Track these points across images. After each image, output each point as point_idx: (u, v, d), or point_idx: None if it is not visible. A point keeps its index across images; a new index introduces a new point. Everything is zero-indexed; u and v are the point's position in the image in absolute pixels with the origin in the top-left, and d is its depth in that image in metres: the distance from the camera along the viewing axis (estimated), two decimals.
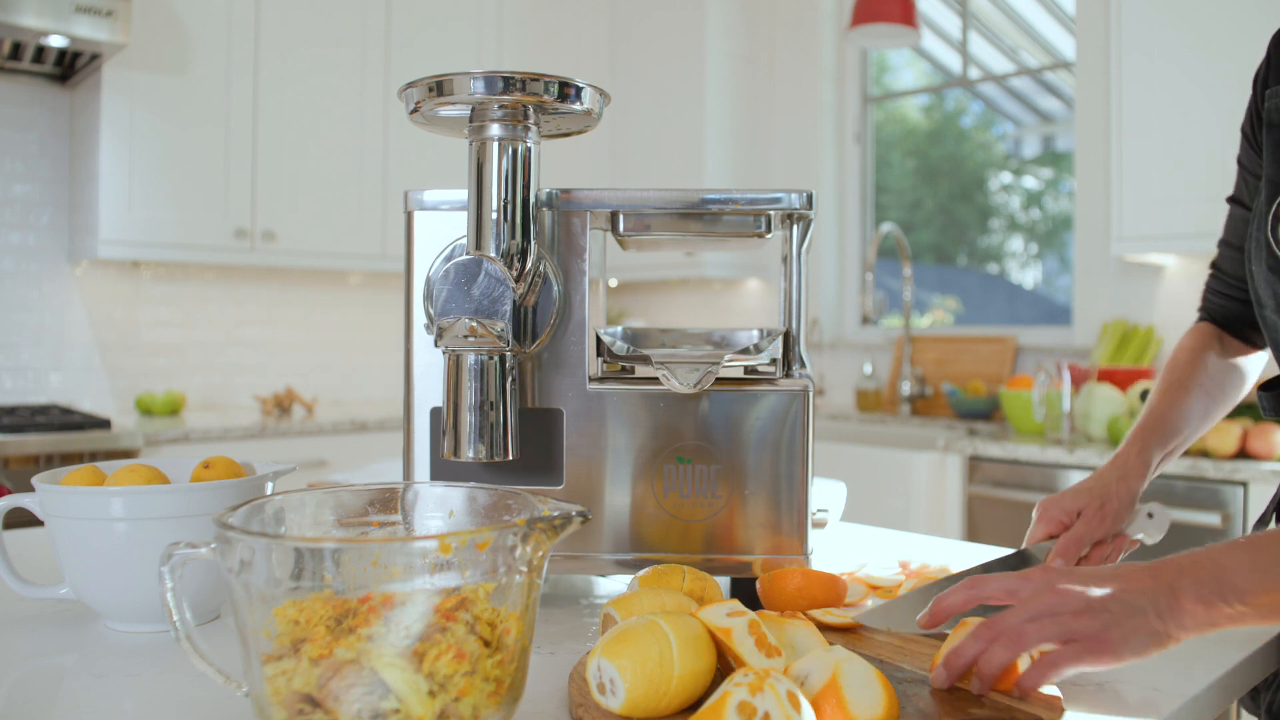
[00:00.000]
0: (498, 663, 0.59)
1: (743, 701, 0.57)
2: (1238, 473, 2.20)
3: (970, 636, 0.68)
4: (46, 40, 2.60)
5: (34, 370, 3.08)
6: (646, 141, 3.91)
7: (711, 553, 0.94)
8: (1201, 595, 0.67)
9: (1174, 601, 0.67)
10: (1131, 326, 2.93)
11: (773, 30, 3.94)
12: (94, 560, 0.84)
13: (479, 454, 0.87)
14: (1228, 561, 0.67)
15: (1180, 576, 0.67)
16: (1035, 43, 3.66)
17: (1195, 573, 0.67)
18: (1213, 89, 2.48)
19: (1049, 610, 0.67)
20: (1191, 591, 0.67)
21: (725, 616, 0.68)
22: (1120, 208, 2.66)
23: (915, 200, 4.02)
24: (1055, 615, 0.67)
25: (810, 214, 0.97)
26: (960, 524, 2.67)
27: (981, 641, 0.67)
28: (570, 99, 0.86)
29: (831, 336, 3.82)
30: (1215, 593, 0.66)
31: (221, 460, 0.93)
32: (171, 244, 2.99)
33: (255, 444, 2.86)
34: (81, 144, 3.02)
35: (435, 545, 0.57)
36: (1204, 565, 0.67)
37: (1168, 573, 0.68)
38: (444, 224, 0.95)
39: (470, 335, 0.85)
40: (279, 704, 0.57)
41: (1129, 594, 0.67)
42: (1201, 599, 0.66)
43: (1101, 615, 0.66)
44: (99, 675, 0.76)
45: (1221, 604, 0.66)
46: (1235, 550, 0.68)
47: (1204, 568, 0.67)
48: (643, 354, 0.94)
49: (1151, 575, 0.68)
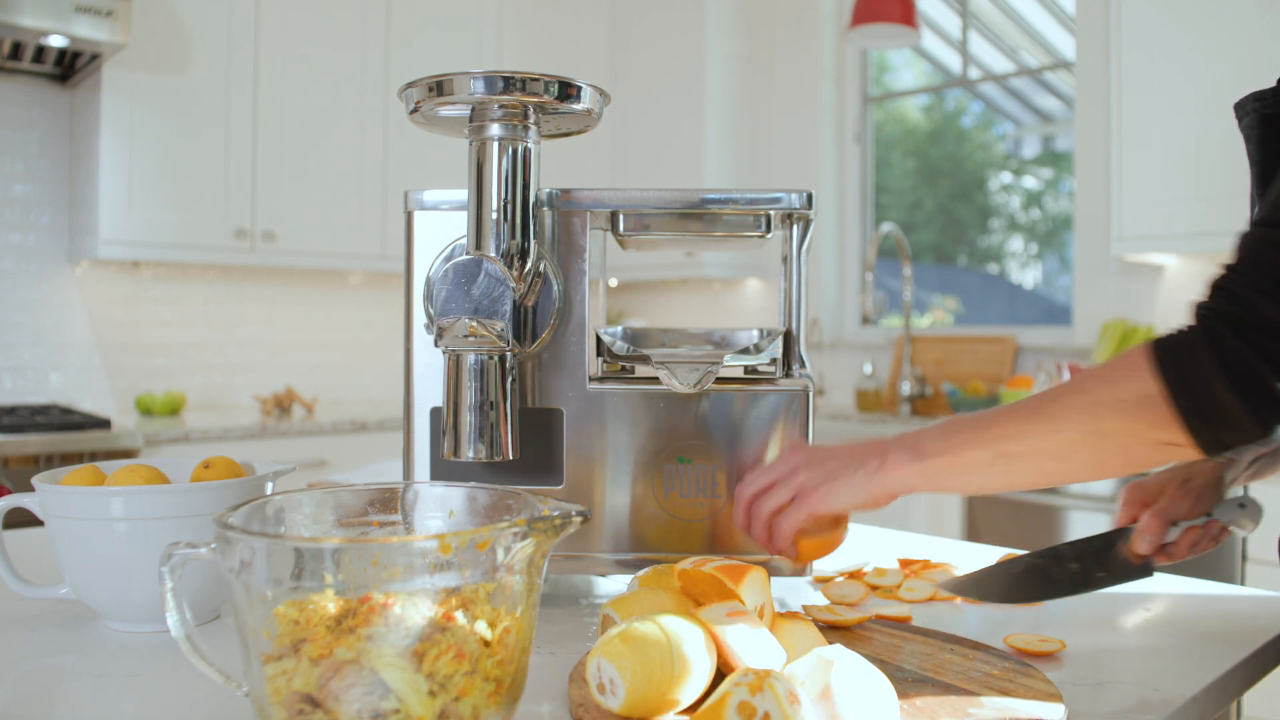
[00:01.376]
0: (498, 663, 0.59)
1: (743, 701, 0.57)
2: None
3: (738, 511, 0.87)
4: (46, 40, 2.60)
5: (34, 370, 3.08)
6: (646, 141, 3.91)
7: (712, 553, 0.94)
8: (900, 458, 0.81)
9: (881, 464, 0.82)
10: (1131, 326, 2.93)
11: (773, 30, 3.94)
12: (94, 560, 0.84)
13: (479, 454, 0.87)
14: (927, 432, 0.82)
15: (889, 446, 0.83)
16: (1035, 43, 3.66)
17: (901, 441, 0.83)
18: (1213, 89, 2.48)
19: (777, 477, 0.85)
20: (894, 455, 0.82)
21: (725, 616, 0.68)
22: (1120, 208, 2.66)
23: (915, 200, 4.02)
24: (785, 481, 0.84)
25: (810, 214, 0.97)
26: (960, 524, 2.67)
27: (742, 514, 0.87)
28: (570, 99, 0.86)
29: (831, 336, 3.82)
30: (911, 455, 0.81)
31: (221, 460, 0.93)
32: (171, 244, 2.99)
33: (255, 444, 2.86)
34: (81, 144, 3.02)
35: (435, 545, 0.57)
36: (908, 437, 0.83)
37: (884, 442, 0.84)
38: (444, 224, 0.95)
39: (470, 335, 0.85)
40: (279, 704, 0.57)
41: (845, 458, 0.84)
42: (899, 460, 0.81)
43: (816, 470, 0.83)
44: (99, 675, 0.76)
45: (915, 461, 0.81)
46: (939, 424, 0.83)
47: (907, 438, 0.83)
48: (643, 354, 0.94)
49: (872, 444, 0.84)
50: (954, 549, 1.23)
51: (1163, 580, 1.08)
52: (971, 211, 3.91)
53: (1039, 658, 0.80)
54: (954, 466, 0.80)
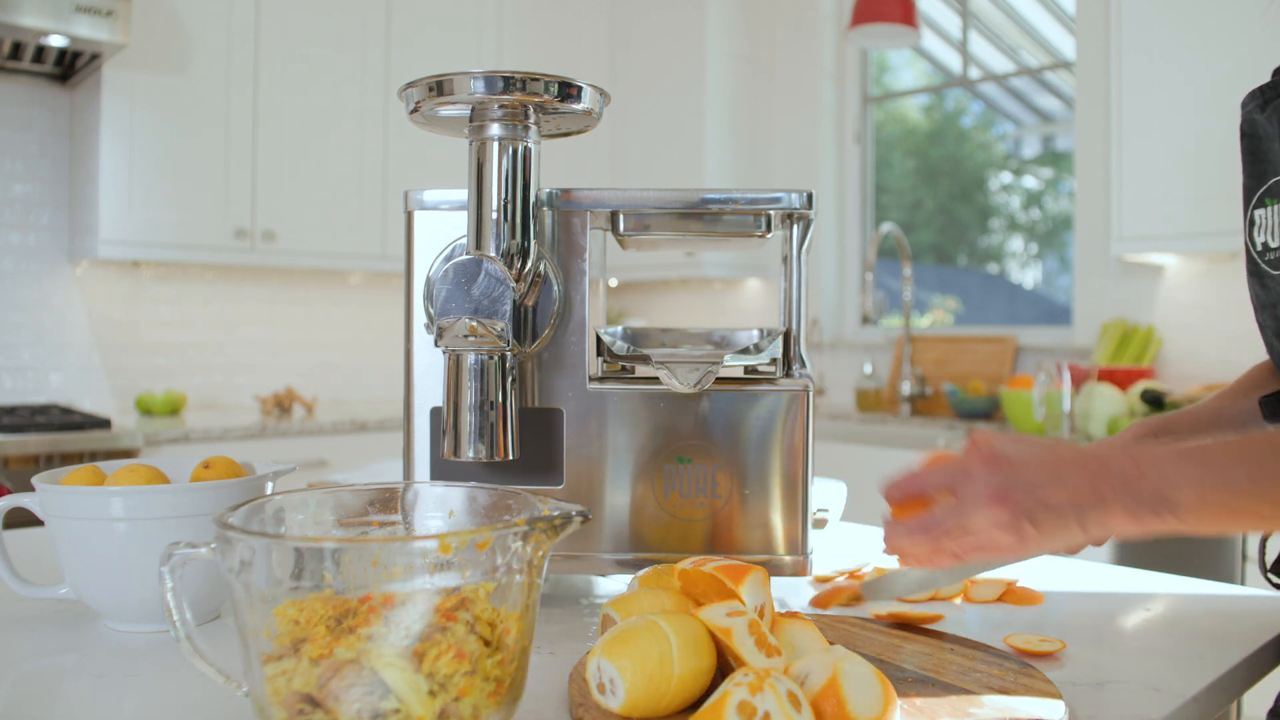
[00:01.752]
0: (498, 663, 0.59)
1: (743, 701, 0.57)
2: None
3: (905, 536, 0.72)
4: (46, 40, 2.60)
5: (34, 370, 3.08)
6: (646, 141, 3.91)
7: (712, 553, 0.94)
8: (1132, 509, 0.65)
9: (1102, 513, 0.66)
10: (1131, 326, 2.93)
11: (773, 30, 3.94)
12: (94, 560, 0.84)
13: (479, 454, 0.87)
14: (1174, 476, 0.65)
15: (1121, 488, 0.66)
16: (1035, 42, 3.66)
17: (1135, 486, 0.65)
18: (1213, 89, 2.48)
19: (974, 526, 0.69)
20: (1122, 505, 0.66)
21: (725, 616, 0.68)
22: (1120, 208, 2.66)
23: (915, 200, 4.02)
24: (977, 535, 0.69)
25: (810, 214, 0.97)
26: None
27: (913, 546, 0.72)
28: (570, 99, 0.86)
29: (831, 336, 3.82)
30: (1149, 508, 0.65)
31: (221, 460, 0.93)
32: (171, 244, 2.99)
33: (255, 444, 2.86)
34: (81, 144, 3.02)
35: (435, 545, 0.57)
36: (1146, 477, 0.65)
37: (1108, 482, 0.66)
38: (444, 224, 0.95)
39: (470, 335, 0.85)
40: (279, 704, 0.57)
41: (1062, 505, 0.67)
42: (1132, 512, 0.65)
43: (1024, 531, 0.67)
44: (99, 675, 0.76)
45: (1152, 518, 0.65)
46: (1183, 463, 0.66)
47: (1146, 480, 0.65)
48: (643, 354, 0.94)
49: (1092, 485, 0.67)
50: None
51: (1163, 580, 1.08)
52: (971, 211, 3.91)
53: (1039, 658, 0.80)
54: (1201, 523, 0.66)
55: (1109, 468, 0.67)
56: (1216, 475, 0.65)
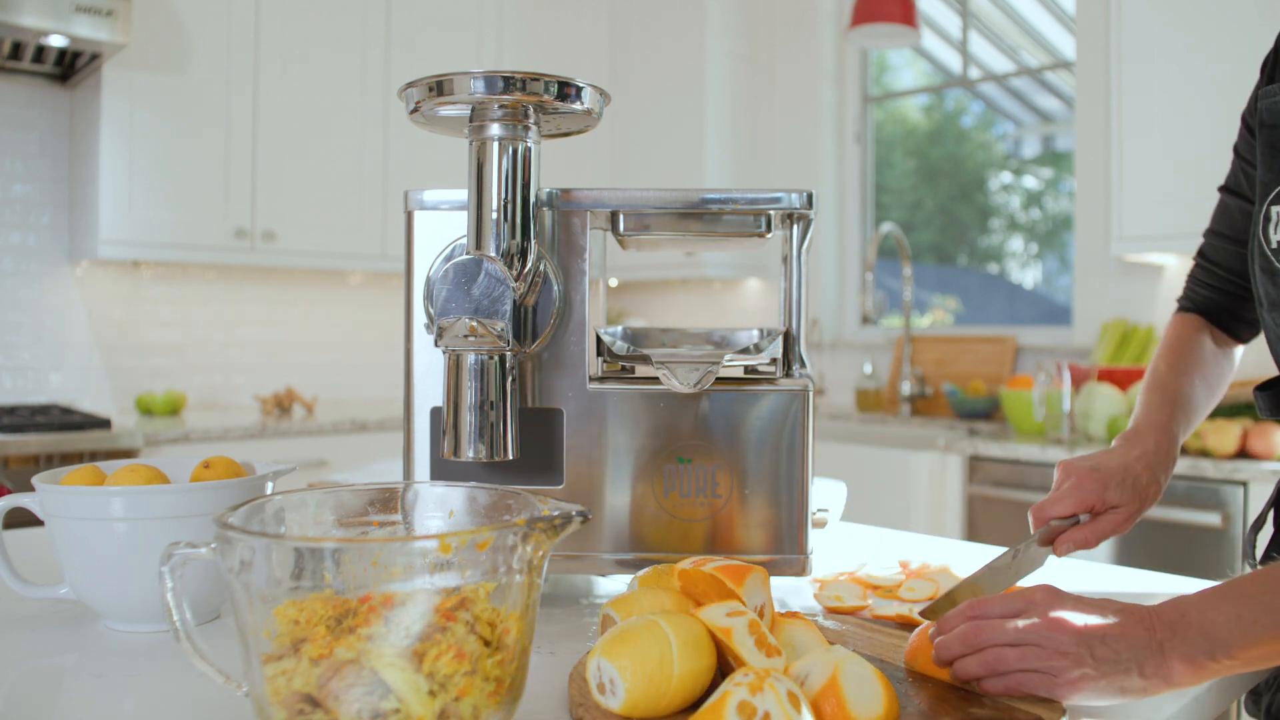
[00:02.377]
0: (498, 663, 0.59)
1: (743, 701, 0.57)
2: (1238, 472, 2.20)
3: (959, 637, 0.70)
4: (46, 40, 2.60)
5: (34, 370, 3.08)
6: (646, 141, 3.91)
7: (712, 553, 0.94)
8: (1188, 655, 0.66)
9: (1162, 661, 0.67)
10: (1131, 326, 2.93)
11: (773, 30, 3.94)
12: (94, 560, 0.84)
13: (479, 454, 0.87)
14: (1215, 616, 0.67)
15: (1171, 635, 0.67)
16: (1035, 42, 3.66)
17: (1184, 631, 0.67)
18: (1212, 89, 2.48)
19: (1036, 640, 0.68)
20: (1180, 652, 0.67)
21: (725, 616, 0.68)
22: (1120, 208, 2.66)
23: (915, 200, 4.02)
24: (1041, 648, 0.67)
25: (810, 214, 0.97)
26: (960, 524, 2.67)
27: (965, 647, 0.69)
28: (570, 98, 0.86)
29: (831, 336, 3.82)
30: (1203, 652, 0.66)
31: (221, 460, 0.93)
32: (171, 244, 2.99)
33: (255, 444, 2.86)
34: (81, 144, 3.02)
35: (435, 545, 0.57)
36: (1191, 622, 0.67)
37: (1161, 629, 0.68)
38: (444, 224, 0.95)
39: (470, 335, 0.85)
40: (279, 704, 0.57)
41: (1120, 647, 0.67)
42: (1188, 659, 0.66)
43: (1083, 663, 0.67)
44: (99, 675, 0.76)
45: (1209, 662, 0.66)
46: (1221, 602, 0.68)
47: (1191, 624, 0.67)
48: (643, 354, 0.94)
49: (1146, 629, 0.68)
50: (954, 549, 1.23)
51: (1163, 580, 1.08)
52: (971, 211, 3.91)
53: None
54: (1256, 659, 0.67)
55: (1158, 615, 0.69)
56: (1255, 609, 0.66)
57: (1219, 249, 1.12)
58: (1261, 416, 1.05)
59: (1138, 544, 2.35)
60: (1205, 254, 1.14)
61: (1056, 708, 0.67)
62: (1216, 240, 1.12)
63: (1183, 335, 1.11)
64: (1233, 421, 2.29)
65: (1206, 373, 1.09)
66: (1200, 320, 1.14)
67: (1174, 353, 1.09)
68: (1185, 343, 1.10)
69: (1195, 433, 2.34)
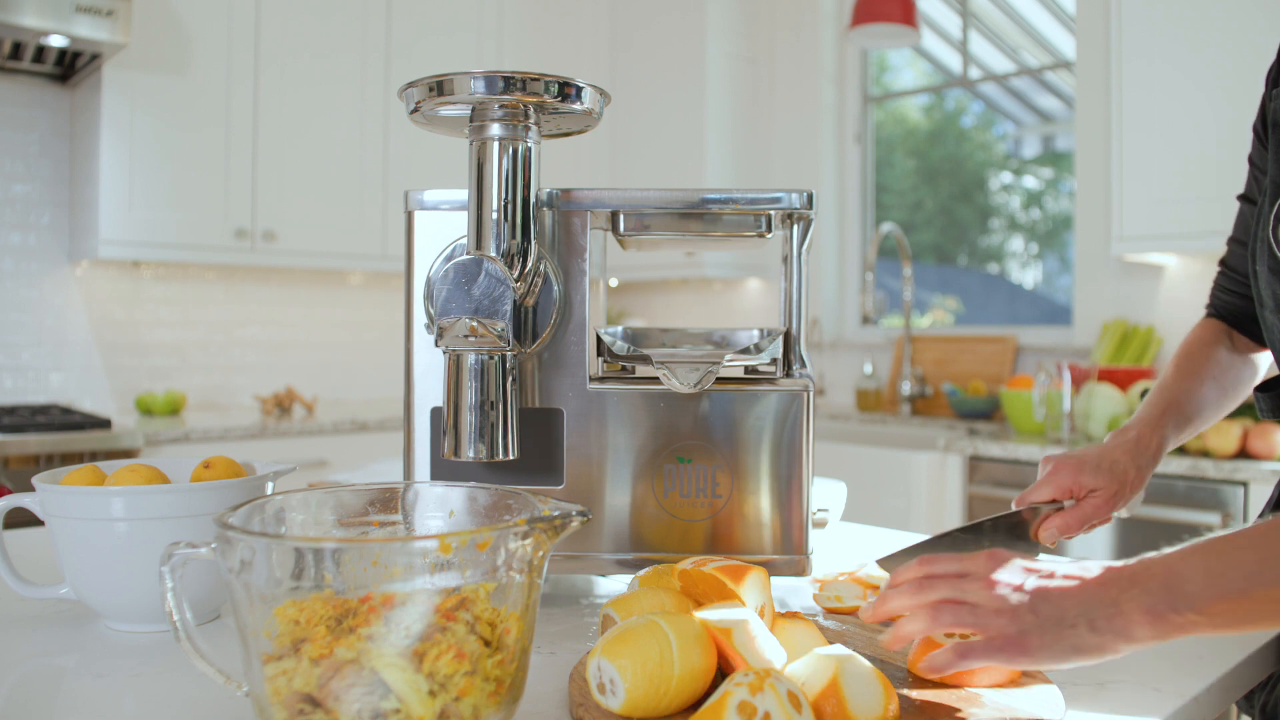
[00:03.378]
0: (498, 663, 0.59)
1: (743, 701, 0.57)
2: (1238, 472, 2.20)
3: (902, 591, 0.69)
4: (47, 40, 2.60)
5: (34, 370, 3.08)
6: (646, 141, 3.91)
7: (712, 553, 0.94)
8: (1150, 606, 0.64)
9: (1116, 615, 0.64)
10: (1132, 326, 2.93)
11: (773, 30, 3.94)
12: (94, 560, 0.84)
13: (479, 454, 0.87)
14: (1181, 568, 0.64)
15: (1130, 587, 0.65)
16: (1035, 42, 3.66)
17: (1145, 581, 0.64)
18: (1213, 89, 2.48)
19: (971, 599, 0.67)
20: (1139, 602, 0.64)
21: (725, 616, 0.68)
22: (1120, 208, 2.66)
23: (916, 200, 4.02)
24: (975, 607, 0.66)
25: (810, 214, 0.97)
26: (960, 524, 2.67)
27: (906, 599, 0.69)
28: (570, 98, 0.86)
29: (832, 336, 3.82)
30: (1165, 603, 0.63)
31: (222, 460, 0.93)
32: (171, 244, 2.99)
33: (255, 444, 2.86)
34: (82, 144, 3.02)
35: (435, 545, 0.57)
36: (1155, 573, 0.65)
37: (1116, 584, 0.65)
38: (444, 224, 0.95)
39: (470, 335, 0.85)
40: (279, 704, 0.57)
41: (1066, 604, 0.65)
42: (1150, 610, 0.64)
43: (1022, 619, 0.65)
44: (99, 675, 0.76)
45: (1172, 614, 0.63)
46: (1190, 556, 0.65)
47: (1155, 575, 0.64)
48: (643, 354, 0.94)
49: (1099, 584, 0.66)
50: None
51: None
52: (972, 211, 3.91)
53: None
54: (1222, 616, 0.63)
55: (1116, 571, 0.67)
56: (1224, 562, 0.63)
57: (1237, 255, 1.14)
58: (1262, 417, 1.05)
59: (1137, 544, 2.35)
60: (1226, 261, 1.17)
61: (1056, 706, 0.67)
62: (1236, 247, 1.14)
63: (1196, 341, 1.14)
64: (1233, 422, 2.29)
65: (1219, 374, 1.10)
66: (1220, 326, 1.16)
67: (1183, 357, 1.12)
68: (1196, 348, 1.12)
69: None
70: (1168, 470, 2.29)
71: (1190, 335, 1.16)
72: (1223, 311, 1.17)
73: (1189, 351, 1.12)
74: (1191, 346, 1.13)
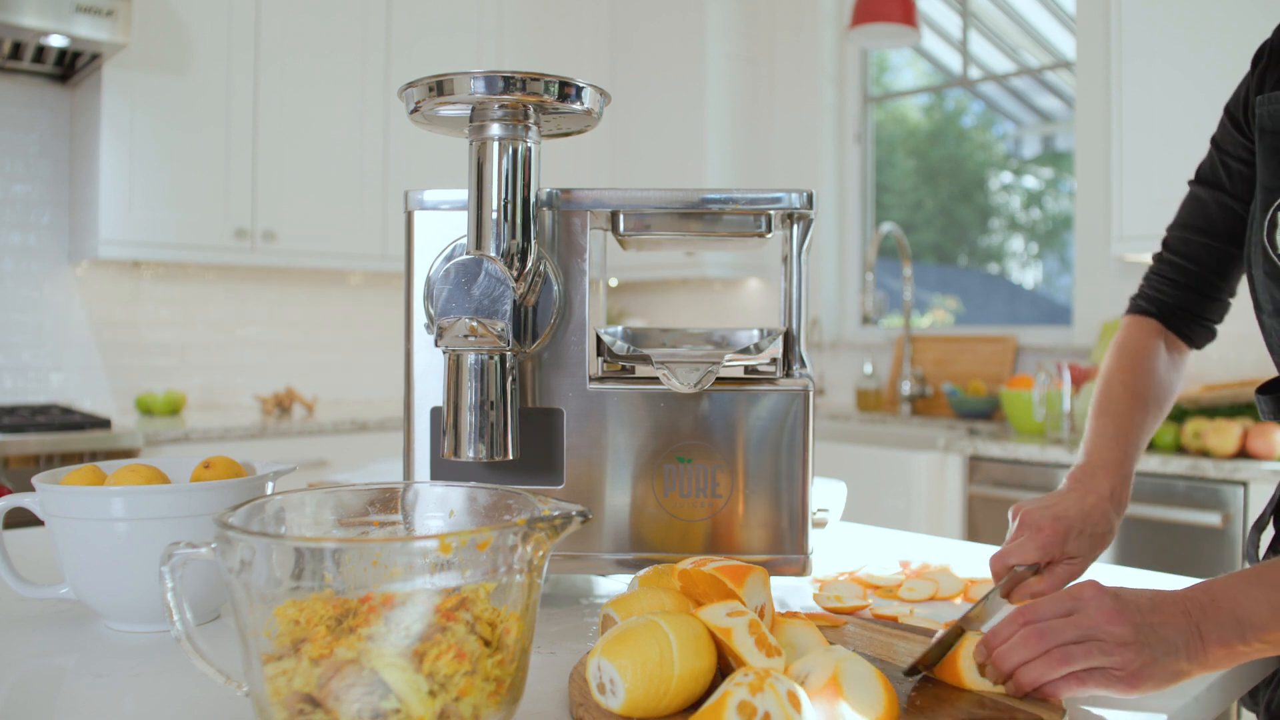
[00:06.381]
0: (498, 663, 0.59)
1: (743, 701, 0.57)
2: (1238, 472, 2.20)
3: (1020, 642, 0.69)
4: (47, 40, 2.60)
5: (34, 370, 3.08)
6: (646, 141, 3.91)
7: (712, 553, 0.94)
8: (1222, 637, 0.68)
9: (1200, 643, 0.68)
10: None
11: (773, 30, 3.94)
12: (94, 560, 0.84)
13: (479, 454, 0.87)
14: (1243, 599, 0.69)
15: (1204, 618, 0.69)
16: (1035, 42, 3.66)
17: (1215, 614, 0.69)
18: (1213, 88, 2.48)
19: (1097, 635, 0.68)
20: (1214, 634, 0.68)
21: (725, 616, 0.68)
22: (1120, 207, 2.66)
23: (916, 200, 4.02)
24: (1102, 642, 0.68)
25: (810, 214, 0.97)
26: (960, 524, 2.67)
27: (1029, 650, 0.68)
28: (570, 98, 0.86)
29: (832, 336, 3.82)
30: (1234, 633, 0.68)
31: (222, 460, 0.93)
32: (172, 244, 2.99)
33: (255, 444, 2.86)
34: (82, 144, 3.02)
35: (435, 545, 0.57)
36: (1221, 605, 0.69)
37: (1194, 611, 0.69)
38: (444, 224, 0.95)
39: (470, 335, 0.85)
40: (279, 704, 0.57)
41: (1168, 633, 0.68)
42: (1222, 641, 0.68)
43: (1143, 651, 0.67)
44: (99, 675, 0.76)
45: (1239, 644, 0.68)
46: (1248, 586, 0.69)
47: (1221, 608, 0.69)
48: (643, 354, 0.94)
49: (1184, 613, 0.69)
50: (954, 549, 1.23)
51: (1163, 580, 1.08)
52: (972, 211, 3.91)
53: None
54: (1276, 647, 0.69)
55: (1189, 600, 0.70)
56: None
57: (1190, 243, 1.08)
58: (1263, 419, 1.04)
59: (1138, 544, 2.35)
60: (1173, 248, 1.10)
61: (1056, 707, 0.67)
62: (1187, 234, 1.09)
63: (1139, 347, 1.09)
64: (1233, 421, 2.29)
65: (1160, 394, 1.06)
66: (1156, 326, 1.11)
67: (1129, 370, 1.06)
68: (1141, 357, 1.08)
69: (1195, 432, 2.34)
70: (1168, 470, 2.29)
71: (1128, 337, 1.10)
72: (1161, 307, 1.11)
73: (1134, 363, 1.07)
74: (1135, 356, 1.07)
